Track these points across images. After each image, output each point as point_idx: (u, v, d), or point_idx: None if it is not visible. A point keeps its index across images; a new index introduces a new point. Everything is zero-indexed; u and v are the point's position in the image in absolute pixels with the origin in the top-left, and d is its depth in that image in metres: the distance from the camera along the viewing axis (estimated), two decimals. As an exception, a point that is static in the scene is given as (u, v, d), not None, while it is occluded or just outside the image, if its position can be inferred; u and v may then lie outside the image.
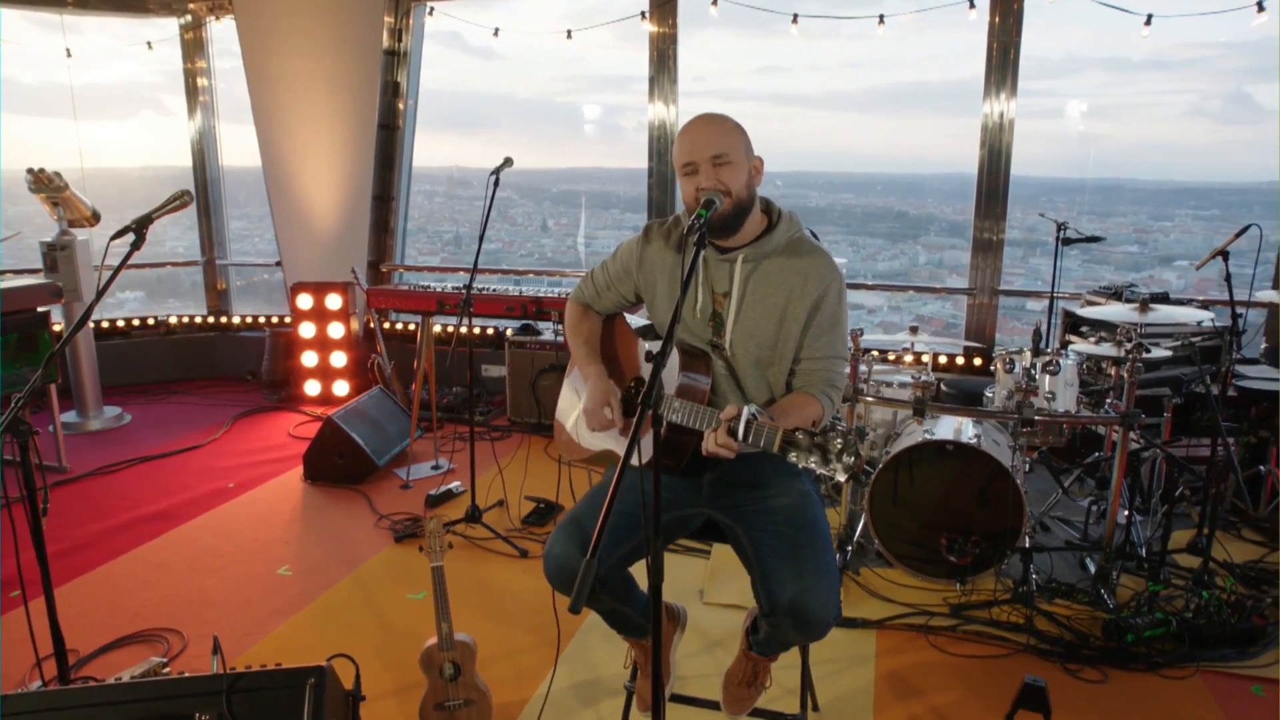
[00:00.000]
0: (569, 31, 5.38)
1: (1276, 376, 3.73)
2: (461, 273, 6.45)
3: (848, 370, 2.38)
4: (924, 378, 3.31)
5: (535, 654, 2.82)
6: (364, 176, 5.70)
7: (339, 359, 5.62)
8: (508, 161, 3.64)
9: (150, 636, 2.92)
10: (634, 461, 2.01)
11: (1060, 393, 3.14)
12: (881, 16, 4.88)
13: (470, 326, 3.69)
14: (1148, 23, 4.54)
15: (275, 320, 6.24)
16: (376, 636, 2.91)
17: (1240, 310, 3.27)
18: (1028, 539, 3.13)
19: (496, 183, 3.59)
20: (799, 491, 1.95)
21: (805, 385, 1.98)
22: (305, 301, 5.56)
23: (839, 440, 1.54)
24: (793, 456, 1.58)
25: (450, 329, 5.81)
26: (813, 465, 1.56)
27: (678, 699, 2.26)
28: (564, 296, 4.06)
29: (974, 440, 3.13)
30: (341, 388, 5.64)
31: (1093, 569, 3.23)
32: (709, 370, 1.97)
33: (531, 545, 3.60)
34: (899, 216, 8.13)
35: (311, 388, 5.65)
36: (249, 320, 6.35)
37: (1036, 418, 3.05)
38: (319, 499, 4.12)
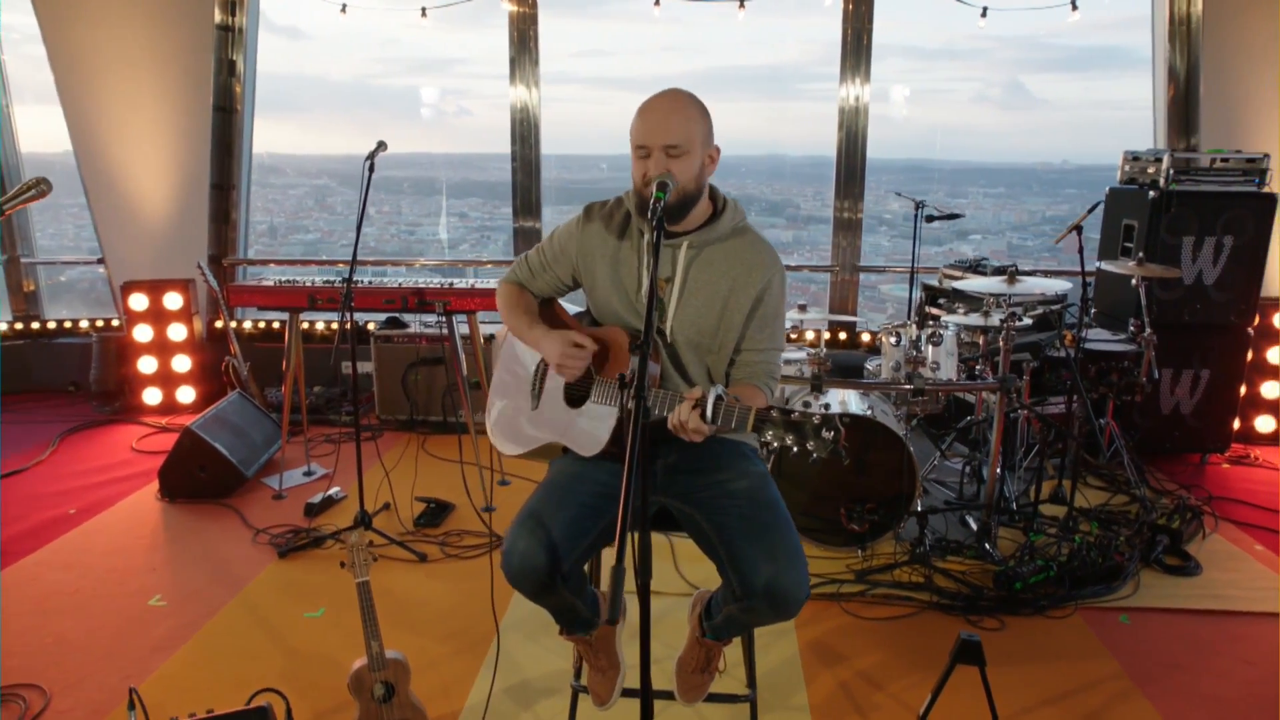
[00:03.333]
0: (424, 10, 5.13)
1: (1111, 338, 4.13)
2: (302, 265, 6.06)
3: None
4: (819, 353, 3.43)
5: (456, 662, 2.70)
6: (199, 163, 5.19)
7: (182, 363, 5.12)
8: (381, 145, 3.42)
9: (3, 697, 2.55)
10: (588, 454, 1.97)
11: (943, 362, 3.34)
12: (743, 0, 4.97)
13: (352, 320, 3.43)
14: (984, 15, 4.89)
15: (101, 324, 5.59)
16: (280, 663, 2.69)
17: (1086, 280, 3.58)
18: (919, 503, 3.32)
19: (371, 168, 3.38)
20: (755, 473, 1.96)
21: (748, 377, 1.98)
22: (139, 302, 5.03)
23: (816, 416, 1.55)
24: (769, 435, 1.58)
25: (309, 325, 5.44)
26: (789, 443, 1.56)
27: (629, 693, 2.23)
28: (446, 286, 3.89)
29: (868, 412, 3.28)
30: (187, 394, 5.15)
31: (974, 525, 3.47)
32: (657, 355, 1.94)
33: (429, 548, 3.44)
34: (720, 197, 8.51)
35: (151, 396, 5.12)
36: (67, 325, 5.66)
37: (927, 387, 3.23)
38: (183, 518, 3.75)
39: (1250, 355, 4.38)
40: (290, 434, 4.40)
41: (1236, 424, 4.47)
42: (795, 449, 1.55)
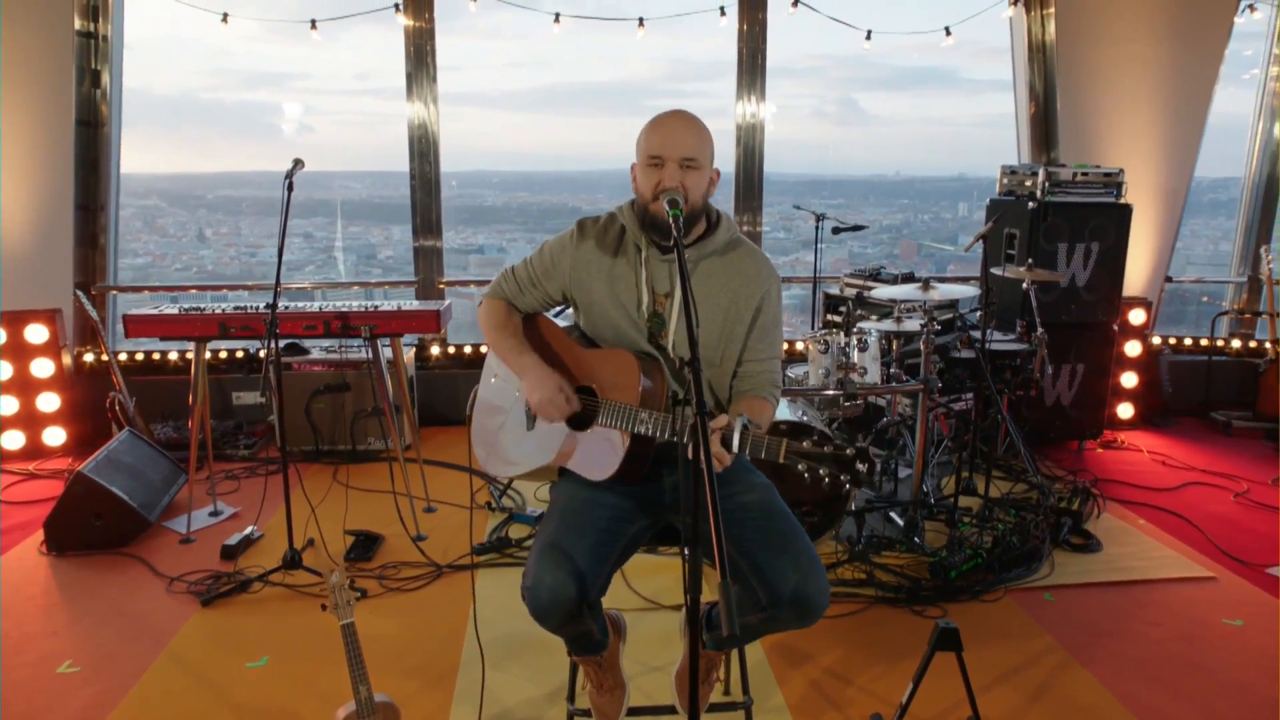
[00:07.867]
0: (313, 21, 4.92)
1: (1003, 338, 4.46)
2: (182, 291, 5.65)
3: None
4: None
5: (426, 699, 2.59)
6: (61, 182, 4.75)
7: (49, 402, 4.66)
8: (298, 163, 3.27)
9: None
10: (596, 477, 1.95)
11: (870, 367, 3.50)
12: (641, 19, 5.05)
13: (277, 347, 3.23)
14: (868, 38, 5.18)
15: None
16: (231, 720, 2.50)
17: (989, 285, 3.85)
18: (853, 503, 3.46)
19: (290, 187, 3.22)
20: (761, 484, 2.00)
21: (753, 388, 2.01)
22: (-5, 336, 4.54)
23: (850, 448, 1.59)
24: (800, 467, 1.61)
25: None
26: (822, 475, 1.60)
27: (634, 711, 2.21)
28: (372, 309, 3.74)
29: (803, 419, 3.40)
30: (56, 436, 4.68)
31: (900, 521, 3.66)
32: (663, 374, 1.94)
33: (367, 583, 3.29)
34: (574, 212, 8.63)
35: (12, 440, 4.62)
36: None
37: (859, 392, 3.38)
38: (79, 572, 3.40)
39: (1114, 349, 4.85)
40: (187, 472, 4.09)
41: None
42: (828, 480, 1.59)
